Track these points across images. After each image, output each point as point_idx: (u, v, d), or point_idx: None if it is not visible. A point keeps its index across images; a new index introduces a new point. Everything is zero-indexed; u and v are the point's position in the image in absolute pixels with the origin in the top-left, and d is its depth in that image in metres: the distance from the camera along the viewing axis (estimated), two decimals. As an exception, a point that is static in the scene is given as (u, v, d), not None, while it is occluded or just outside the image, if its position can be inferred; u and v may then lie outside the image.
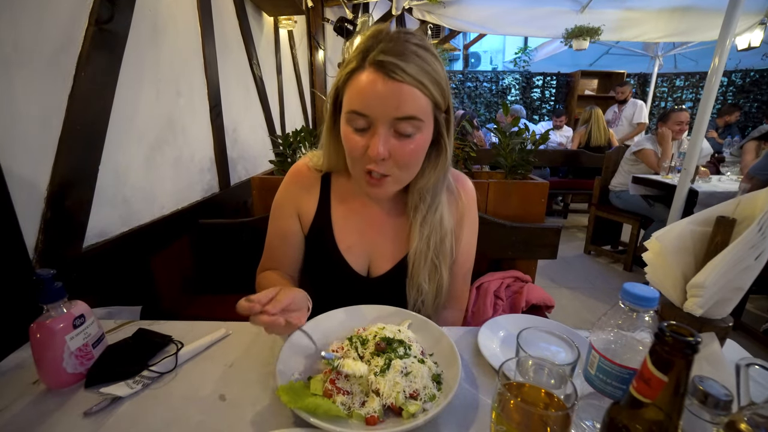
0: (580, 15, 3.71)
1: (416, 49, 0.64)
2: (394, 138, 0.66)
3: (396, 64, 0.61)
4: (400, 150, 0.67)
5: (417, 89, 0.63)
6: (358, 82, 0.64)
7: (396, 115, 0.63)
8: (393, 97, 0.62)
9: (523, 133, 1.52)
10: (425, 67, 0.64)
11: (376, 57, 0.62)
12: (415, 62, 0.63)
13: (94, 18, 1.02)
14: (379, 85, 0.62)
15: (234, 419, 0.56)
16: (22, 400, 0.59)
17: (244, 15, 2.05)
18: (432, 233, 0.80)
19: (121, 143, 1.16)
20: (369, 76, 0.63)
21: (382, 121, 0.64)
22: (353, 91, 0.65)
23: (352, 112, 0.65)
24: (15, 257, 0.83)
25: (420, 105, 0.65)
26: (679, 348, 0.35)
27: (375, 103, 0.63)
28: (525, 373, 0.49)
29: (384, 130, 0.65)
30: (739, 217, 0.59)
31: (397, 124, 0.65)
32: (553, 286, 2.93)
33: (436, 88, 0.66)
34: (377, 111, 0.64)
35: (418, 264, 0.80)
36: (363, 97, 0.64)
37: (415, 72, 0.62)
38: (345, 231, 0.85)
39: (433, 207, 0.80)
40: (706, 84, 2.02)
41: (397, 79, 0.61)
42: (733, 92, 7.36)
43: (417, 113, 0.65)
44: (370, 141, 0.66)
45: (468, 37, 8.26)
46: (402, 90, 0.62)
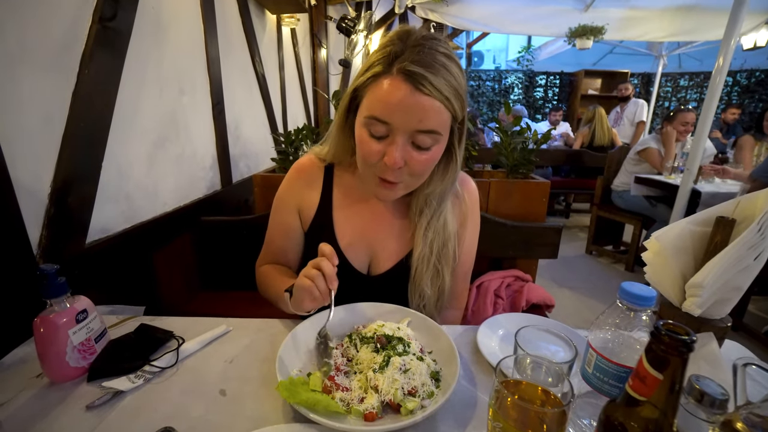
0: (584, 14, 3.69)
1: (444, 61, 0.63)
2: (412, 148, 0.66)
3: (425, 76, 0.60)
4: (416, 160, 0.67)
5: (442, 104, 0.63)
6: (381, 87, 0.63)
7: (418, 128, 0.63)
8: (418, 110, 0.62)
9: (525, 132, 1.52)
10: (451, 82, 0.63)
11: (406, 66, 0.60)
12: (443, 75, 0.62)
13: (97, 16, 1.02)
14: (407, 97, 0.61)
15: (234, 414, 0.57)
16: (25, 393, 0.60)
17: (247, 13, 2.05)
18: (436, 238, 0.80)
19: (124, 140, 1.17)
20: (395, 84, 0.62)
21: (402, 132, 0.64)
22: (376, 96, 0.64)
23: (373, 117, 0.64)
24: (19, 253, 0.84)
25: (442, 119, 0.65)
26: (675, 346, 0.35)
27: (398, 113, 0.62)
28: (523, 370, 0.49)
29: (403, 140, 0.64)
30: (739, 218, 0.59)
31: (416, 135, 0.64)
32: (554, 286, 2.93)
33: (458, 102, 0.66)
34: (399, 121, 0.63)
35: (421, 268, 0.80)
36: (386, 105, 0.63)
37: (442, 87, 0.61)
38: (346, 227, 0.85)
39: (438, 212, 0.80)
40: (710, 84, 2.01)
41: (425, 92, 0.61)
42: (737, 92, 7.32)
43: (438, 128, 0.65)
44: (386, 149, 0.65)
45: (471, 35, 8.24)
46: (427, 103, 0.62)
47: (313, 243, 0.86)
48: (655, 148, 3.04)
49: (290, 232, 0.88)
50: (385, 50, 0.64)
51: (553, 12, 3.79)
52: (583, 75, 7.47)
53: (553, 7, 3.77)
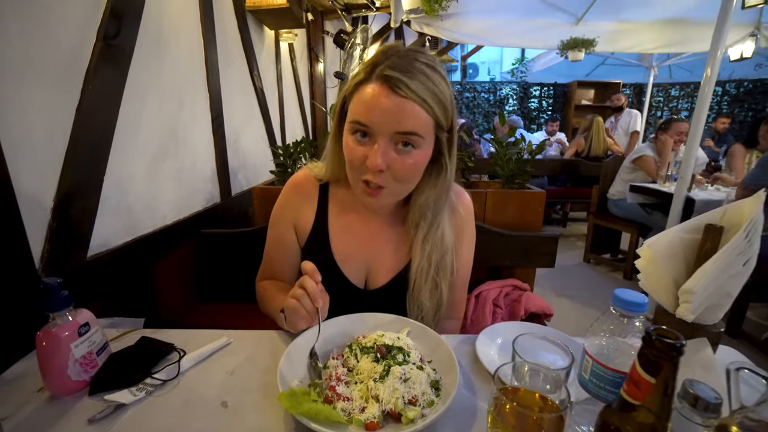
0: (575, 27, 3.78)
1: (423, 68, 0.66)
2: (394, 151, 0.68)
3: (401, 79, 0.63)
4: (399, 163, 0.68)
5: (420, 106, 0.65)
6: (363, 93, 0.67)
7: (397, 129, 0.65)
8: (396, 112, 0.64)
9: (520, 143, 1.55)
10: (430, 86, 0.66)
11: (383, 71, 0.64)
12: (420, 80, 0.65)
13: (102, 34, 1.05)
14: (383, 99, 0.64)
15: (236, 425, 0.57)
16: (27, 407, 0.60)
17: (245, 28, 2.10)
18: (433, 251, 0.81)
19: (126, 154, 1.19)
20: (374, 89, 0.65)
21: (382, 134, 0.66)
22: (358, 102, 0.68)
23: (355, 122, 0.68)
24: (22, 266, 0.85)
25: (421, 122, 0.66)
26: (665, 351, 0.36)
27: (378, 115, 0.65)
28: (521, 378, 0.50)
29: (384, 142, 0.67)
30: (727, 225, 0.61)
31: (397, 138, 0.67)
32: (553, 295, 2.93)
33: (439, 107, 0.67)
34: (379, 123, 0.66)
35: (420, 281, 0.81)
36: (366, 109, 0.66)
37: (419, 89, 0.64)
38: (342, 242, 0.85)
39: (435, 224, 0.81)
40: (700, 94, 2.06)
41: (401, 94, 0.64)
42: (727, 101, 7.45)
43: (418, 129, 0.66)
44: (369, 152, 0.68)
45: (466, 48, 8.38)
46: (405, 105, 0.64)
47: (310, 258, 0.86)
48: (650, 156, 3.09)
49: (287, 247, 0.89)
50: (369, 62, 0.68)
51: (546, 25, 3.88)
52: (577, 86, 7.60)
53: (545, 20, 3.85)
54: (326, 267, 0.83)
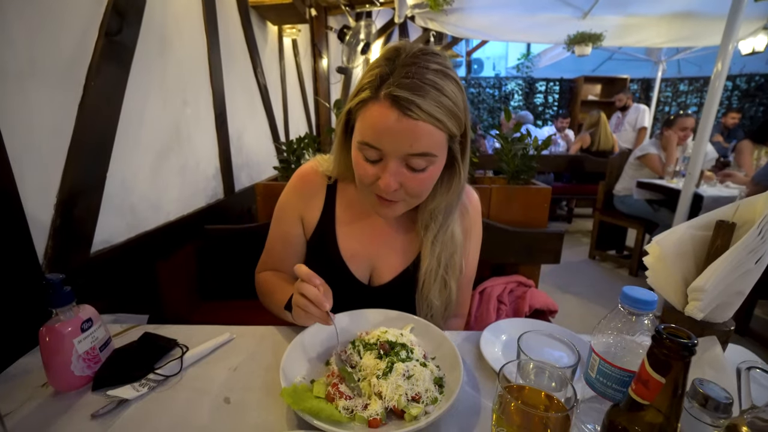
0: (582, 21, 3.73)
1: (435, 80, 0.61)
2: (406, 169, 0.66)
3: (412, 101, 0.59)
4: (411, 181, 0.67)
5: (432, 126, 0.61)
6: (371, 113, 0.62)
7: (409, 152, 0.63)
8: (407, 135, 0.61)
9: (525, 138, 1.53)
10: (443, 102, 0.61)
11: (392, 92, 0.59)
12: (433, 97, 0.60)
13: (104, 30, 1.05)
14: (393, 122, 0.60)
15: (238, 422, 0.57)
16: (31, 402, 0.60)
17: (248, 25, 2.09)
18: (443, 251, 0.80)
19: (129, 152, 1.19)
20: (382, 111, 0.61)
21: (393, 156, 0.64)
22: (366, 122, 0.64)
23: (364, 143, 0.64)
24: (25, 262, 0.85)
25: (434, 141, 0.63)
26: (676, 350, 0.35)
27: (388, 138, 0.62)
28: (526, 376, 0.49)
29: (395, 164, 0.64)
30: (739, 221, 0.59)
31: (409, 159, 0.64)
32: (558, 292, 2.91)
33: (452, 120, 0.64)
34: (390, 146, 0.63)
35: (429, 281, 0.81)
36: (375, 131, 0.62)
37: (431, 109, 0.60)
38: (349, 238, 0.85)
39: (445, 226, 0.80)
40: (710, 88, 2.03)
41: (413, 117, 0.59)
42: (738, 96, 7.34)
43: (431, 149, 0.64)
44: (381, 172, 0.65)
45: (471, 43, 8.32)
46: (417, 128, 0.60)
47: (316, 252, 0.87)
48: (654, 154, 3.05)
49: (292, 241, 0.88)
50: (373, 72, 0.63)
51: (552, 20, 3.83)
52: (583, 81, 7.52)
53: (551, 15, 3.81)
54: (332, 262, 0.84)
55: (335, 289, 0.86)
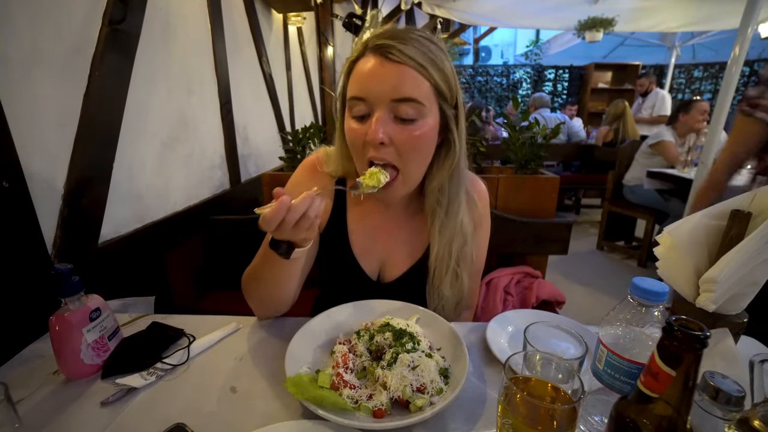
0: (594, 6, 3.63)
1: (418, 38, 0.64)
2: (394, 123, 0.64)
3: (393, 45, 0.61)
4: (401, 135, 0.64)
5: (415, 71, 0.62)
6: (358, 69, 0.65)
7: (393, 96, 0.62)
8: (390, 77, 0.62)
9: (534, 127, 1.50)
10: (425, 51, 0.63)
11: (374, 41, 0.63)
12: (414, 45, 0.62)
13: (107, 19, 1.04)
14: (377, 67, 0.62)
15: (244, 410, 0.57)
16: (43, 389, 0.62)
17: (253, 12, 2.06)
18: (454, 239, 0.78)
19: (135, 141, 1.19)
20: (368, 61, 0.63)
21: (379, 104, 0.63)
22: (354, 78, 0.66)
23: (352, 98, 0.65)
24: (35, 252, 0.86)
25: (420, 87, 0.63)
26: (688, 342, 0.34)
27: (372, 84, 0.63)
28: (532, 367, 0.48)
29: (382, 113, 0.63)
30: (755, 211, 0.57)
31: (396, 107, 0.63)
32: (565, 282, 2.89)
33: (438, 73, 0.64)
34: (374, 93, 0.63)
35: (440, 271, 0.79)
36: (361, 81, 0.64)
37: (413, 53, 0.62)
38: (360, 235, 0.83)
39: (452, 211, 0.77)
40: (726, 74, 1.96)
41: (394, 59, 0.61)
42: (755, 82, 7.11)
43: (416, 95, 0.63)
44: (369, 128, 0.64)
45: (478, 30, 8.17)
46: (399, 70, 0.61)
47: (328, 249, 0.84)
48: (670, 141, 2.97)
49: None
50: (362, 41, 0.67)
51: (562, 4, 3.73)
52: (593, 68, 7.34)
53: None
54: (344, 258, 0.83)
55: (346, 287, 0.85)
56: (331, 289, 0.92)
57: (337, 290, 0.88)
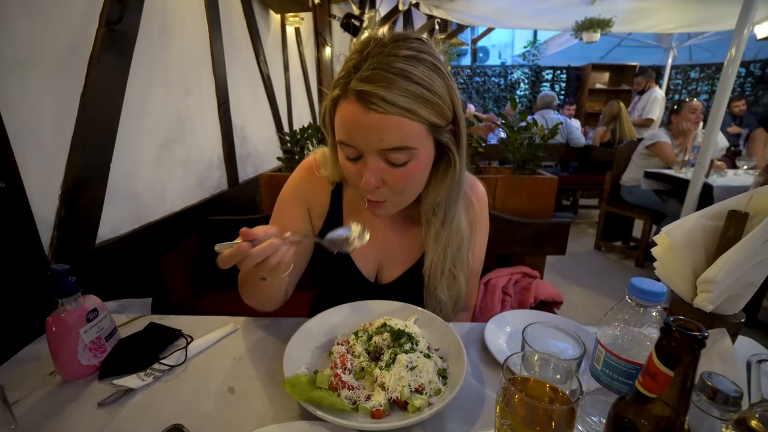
0: (591, 6, 3.64)
1: (403, 66, 0.56)
2: (387, 165, 0.62)
3: (374, 93, 0.55)
4: (394, 177, 0.63)
5: (402, 117, 0.57)
6: (341, 112, 0.61)
7: (382, 147, 0.59)
8: (375, 130, 0.58)
9: (532, 127, 1.50)
10: (412, 89, 0.57)
11: (355, 87, 0.56)
12: (400, 87, 0.56)
13: (104, 19, 1.03)
14: (360, 118, 0.57)
15: (242, 411, 0.57)
16: (39, 390, 0.61)
17: (251, 13, 2.06)
18: (449, 245, 0.78)
19: (132, 142, 1.18)
20: (349, 108, 0.58)
21: (369, 153, 0.61)
22: (339, 120, 0.62)
23: (341, 142, 0.63)
24: (31, 253, 0.86)
25: (408, 133, 0.59)
26: (686, 343, 0.34)
27: (358, 135, 0.60)
28: (530, 367, 0.48)
29: (373, 161, 0.61)
30: (752, 211, 0.57)
31: (386, 154, 0.61)
32: (563, 283, 2.90)
33: (429, 109, 0.59)
34: (362, 143, 0.60)
35: (435, 276, 0.79)
36: (346, 129, 0.61)
37: (398, 100, 0.56)
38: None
39: (447, 220, 0.77)
40: (722, 75, 1.97)
41: (378, 111, 0.56)
42: (751, 83, 7.16)
43: (405, 143, 0.60)
44: (362, 169, 0.63)
45: (476, 31, 8.19)
46: (384, 122, 0.57)
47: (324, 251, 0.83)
48: (666, 142, 2.98)
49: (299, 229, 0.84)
50: (346, 66, 0.61)
51: (559, 5, 3.74)
52: (591, 69, 7.36)
53: (559, 0, 3.72)
54: (342, 261, 0.82)
55: (345, 289, 0.86)
56: (328, 290, 0.92)
57: (335, 291, 0.88)
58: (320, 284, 0.95)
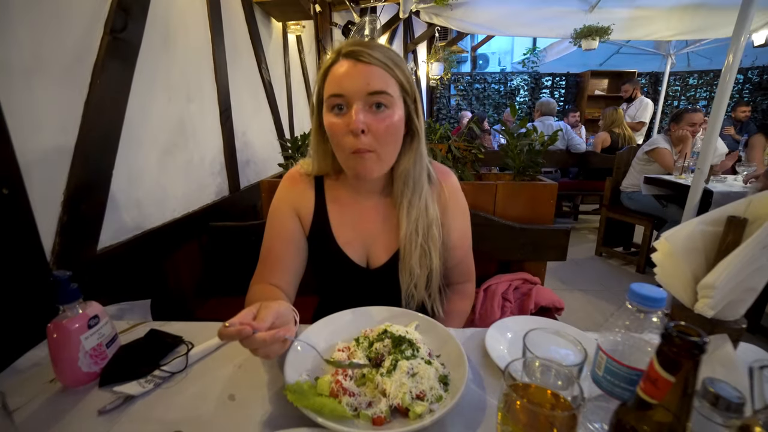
0: (589, 14, 3.67)
1: (380, 45, 0.77)
2: (370, 113, 0.74)
3: (363, 50, 0.73)
4: (376, 123, 0.74)
5: (383, 69, 0.74)
6: (334, 72, 0.75)
7: (368, 90, 0.72)
8: (364, 76, 0.72)
9: (531, 134, 1.51)
10: (390, 55, 0.76)
11: (346, 48, 0.75)
12: (380, 49, 0.75)
13: (109, 27, 1.05)
14: (351, 68, 0.73)
15: (243, 419, 0.57)
16: (39, 397, 0.61)
17: (253, 21, 2.08)
18: (419, 218, 0.85)
19: (134, 148, 1.19)
20: (341, 64, 0.74)
21: (356, 98, 0.73)
22: (330, 80, 0.75)
23: (331, 95, 0.74)
24: (33, 259, 0.86)
25: (388, 83, 0.74)
26: (687, 348, 0.35)
27: (348, 83, 0.73)
28: (532, 374, 0.48)
29: (359, 105, 0.73)
30: (751, 217, 0.58)
31: (370, 99, 0.73)
32: (564, 289, 2.89)
33: (401, 73, 0.77)
34: (352, 89, 0.72)
35: (410, 248, 0.85)
36: (339, 81, 0.74)
37: (380, 56, 0.74)
38: (342, 227, 0.89)
39: (417, 191, 0.85)
40: (720, 82, 1.98)
41: (365, 61, 0.73)
42: (749, 90, 7.19)
43: (386, 89, 0.74)
44: (349, 119, 0.73)
45: (476, 38, 8.24)
46: (371, 70, 0.73)
47: (316, 247, 0.91)
48: (665, 149, 2.99)
49: (292, 237, 0.89)
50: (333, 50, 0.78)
51: (558, 13, 3.77)
52: (590, 76, 7.41)
53: (557, 8, 3.75)
54: (331, 253, 0.88)
55: (338, 278, 0.92)
56: (324, 281, 0.97)
57: (330, 281, 0.96)
58: (321, 285, 0.99)
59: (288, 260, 0.88)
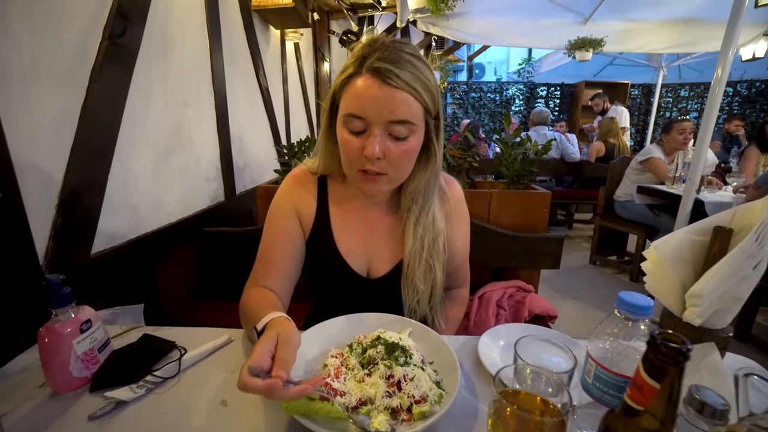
0: (583, 26, 3.74)
1: (409, 58, 0.69)
2: (389, 140, 0.70)
3: (391, 70, 0.65)
4: (394, 151, 0.70)
5: (410, 95, 0.68)
6: (355, 86, 0.68)
7: (391, 119, 0.67)
8: (388, 102, 0.67)
9: (526, 143, 1.53)
10: (418, 75, 0.68)
11: (373, 64, 0.66)
12: (409, 69, 0.67)
13: (107, 33, 1.06)
14: (376, 90, 0.66)
15: (235, 425, 0.57)
16: (28, 403, 0.60)
17: (251, 28, 2.10)
18: (426, 233, 0.83)
19: (130, 152, 1.19)
20: (366, 82, 0.67)
21: (377, 124, 0.68)
22: (350, 95, 0.69)
23: (350, 115, 0.69)
24: (26, 262, 0.85)
25: (413, 110, 0.69)
26: (671, 355, 0.35)
27: (371, 106, 0.67)
28: (522, 381, 0.49)
29: (379, 131, 0.68)
30: (736, 227, 0.59)
31: (391, 127, 0.68)
32: (558, 297, 2.90)
33: (427, 94, 0.70)
34: (373, 114, 0.67)
35: (413, 264, 0.83)
36: (360, 101, 0.68)
37: (408, 79, 0.67)
38: (344, 233, 0.86)
39: (426, 208, 0.83)
40: (710, 94, 2.03)
41: (393, 84, 0.66)
42: (738, 102, 7.34)
43: (410, 118, 0.69)
44: (365, 142, 0.69)
45: (472, 48, 8.35)
46: (396, 95, 0.66)
47: (315, 251, 0.87)
48: (659, 158, 3.04)
49: (291, 238, 0.86)
50: (355, 55, 0.70)
51: (553, 25, 3.84)
52: (584, 86, 7.53)
53: (552, 20, 3.82)
54: (331, 259, 0.85)
55: (336, 286, 0.89)
56: (321, 288, 0.94)
57: (328, 289, 0.92)
58: (315, 291, 0.97)
59: (286, 261, 0.85)
